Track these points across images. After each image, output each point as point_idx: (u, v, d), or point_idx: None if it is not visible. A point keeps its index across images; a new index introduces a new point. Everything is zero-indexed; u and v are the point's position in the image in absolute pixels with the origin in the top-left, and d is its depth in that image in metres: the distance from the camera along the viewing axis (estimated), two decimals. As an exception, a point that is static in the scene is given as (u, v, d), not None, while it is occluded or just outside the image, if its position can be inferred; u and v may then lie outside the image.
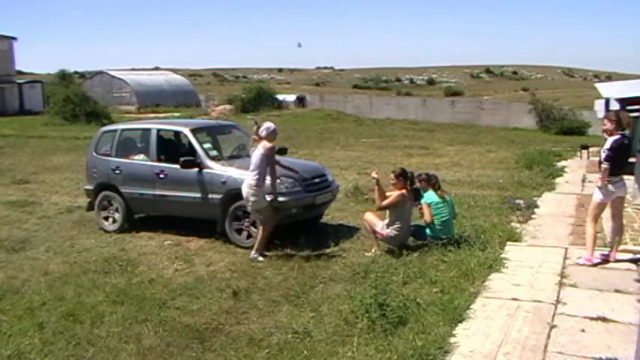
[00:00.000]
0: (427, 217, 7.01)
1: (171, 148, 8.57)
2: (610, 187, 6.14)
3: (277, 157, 7.29)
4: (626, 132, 6.93)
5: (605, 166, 6.10)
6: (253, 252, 7.01)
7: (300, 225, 7.91)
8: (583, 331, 4.57)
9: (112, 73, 48.14)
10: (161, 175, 8.09)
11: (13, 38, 40.55)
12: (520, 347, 4.33)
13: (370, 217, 7.19)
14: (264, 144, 6.95)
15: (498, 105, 39.12)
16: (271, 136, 7.08)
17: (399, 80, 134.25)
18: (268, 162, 6.95)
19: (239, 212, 7.52)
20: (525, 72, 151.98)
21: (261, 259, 6.95)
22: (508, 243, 7.12)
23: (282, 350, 4.54)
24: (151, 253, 7.38)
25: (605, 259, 6.29)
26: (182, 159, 7.78)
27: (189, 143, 8.13)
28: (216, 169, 7.72)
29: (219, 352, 4.63)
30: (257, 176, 6.88)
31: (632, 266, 6.16)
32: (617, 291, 5.42)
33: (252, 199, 6.91)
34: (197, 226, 8.08)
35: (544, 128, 31.10)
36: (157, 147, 8.31)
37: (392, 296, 5.11)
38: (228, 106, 37.20)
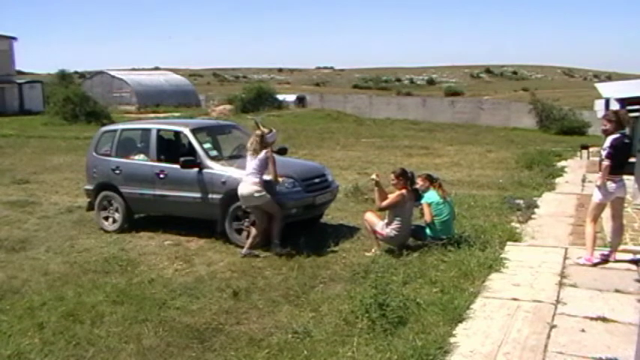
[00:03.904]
0: (427, 217, 7.01)
1: (172, 148, 8.57)
2: (610, 186, 6.13)
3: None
4: (626, 131, 6.92)
5: (606, 163, 6.09)
6: (245, 249, 7.12)
7: (300, 225, 7.91)
8: (583, 331, 4.57)
9: (112, 73, 48.15)
10: (161, 175, 8.08)
11: (13, 38, 40.53)
12: (520, 347, 4.33)
13: (370, 217, 7.19)
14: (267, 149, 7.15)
15: (498, 105, 39.11)
16: (272, 140, 7.35)
17: (399, 80, 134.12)
18: (268, 163, 7.12)
19: (239, 212, 7.53)
20: (525, 72, 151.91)
21: (256, 252, 7.10)
22: (508, 243, 7.12)
23: (282, 350, 4.54)
24: (151, 253, 7.38)
25: (605, 259, 6.29)
26: (182, 159, 7.78)
27: (189, 143, 8.13)
28: (216, 169, 7.72)
29: (219, 352, 4.63)
30: (259, 175, 7.03)
31: (632, 266, 6.15)
32: (617, 291, 5.42)
33: (257, 195, 6.98)
34: (197, 226, 8.07)
35: (544, 128, 31.10)
36: (157, 147, 8.31)
37: (392, 296, 5.10)
38: (228, 106, 37.21)
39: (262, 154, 7.09)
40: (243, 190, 7.04)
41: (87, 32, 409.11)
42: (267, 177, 7.16)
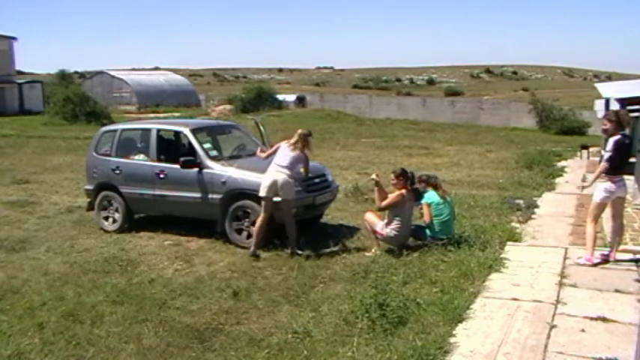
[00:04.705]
0: (426, 218, 7.01)
1: (172, 148, 8.57)
2: (611, 186, 6.13)
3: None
4: (626, 131, 6.92)
5: (604, 164, 6.09)
6: (252, 247, 7.05)
7: (300, 225, 7.91)
8: (583, 331, 4.57)
9: (112, 73, 48.17)
10: (161, 175, 8.08)
11: (13, 38, 40.52)
12: (520, 347, 4.33)
13: (370, 217, 7.19)
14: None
15: (498, 105, 39.10)
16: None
17: (399, 80, 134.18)
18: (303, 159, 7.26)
19: (239, 212, 7.53)
20: (525, 72, 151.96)
21: (257, 252, 7.07)
22: (508, 243, 7.12)
23: (282, 350, 4.54)
24: (151, 253, 7.38)
25: (605, 259, 6.29)
26: (182, 159, 7.78)
27: (189, 143, 8.13)
28: (216, 169, 7.72)
29: (219, 352, 4.63)
30: (292, 171, 7.08)
31: (632, 266, 6.16)
32: (617, 291, 5.42)
33: (295, 188, 7.11)
34: (197, 226, 8.07)
35: (544, 128, 31.10)
36: (157, 147, 8.31)
37: (392, 296, 5.10)
38: (228, 106, 37.20)
39: (302, 153, 7.17)
40: (279, 178, 6.97)
41: (87, 32, 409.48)
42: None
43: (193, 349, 4.70)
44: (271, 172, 7.05)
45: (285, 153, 7.16)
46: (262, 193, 7.03)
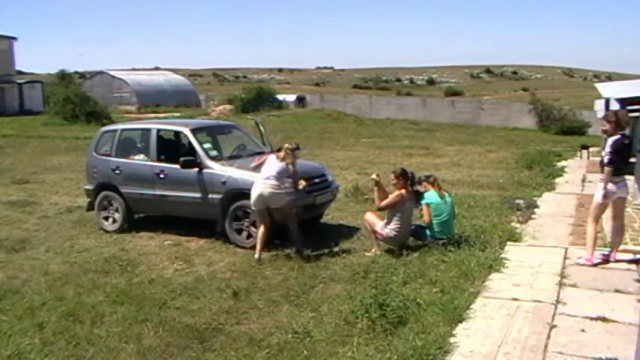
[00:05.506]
0: (426, 218, 7.01)
1: (172, 148, 8.58)
2: (612, 187, 6.14)
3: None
4: (626, 132, 6.92)
5: (608, 169, 6.09)
6: (257, 255, 6.95)
7: (300, 225, 7.90)
8: (583, 331, 4.57)
9: (112, 73, 48.18)
10: (161, 175, 8.08)
11: (13, 38, 40.55)
12: (520, 347, 4.33)
13: (370, 217, 7.19)
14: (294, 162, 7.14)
15: (498, 105, 39.12)
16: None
17: (399, 80, 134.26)
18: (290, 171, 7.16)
19: (239, 212, 7.53)
20: (525, 72, 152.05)
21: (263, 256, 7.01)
22: (508, 243, 7.12)
23: (282, 350, 4.54)
24: (151, 253, 7.38)
25: (606, 259, 6.29)
26: (182, 159, 7.78)
27: (189, 143, 8.13)
28: (216, 169, 7.72)
29: (219, 352, 4.63)
30: (279, 180, 6.94)
31: (632, 266, 6.16)
32: (617, 291, 5.42)
33: (279, 197, 6.98)
34: (197, 226, 8.07)
35: (544, 128, 31.13)
36: (157, 147, 8.31)
37: (392, 296, 5.10)
38: (228, 106, 37.22)
39: (291, 166, 7.07)
40: (264, 191, 6.89)
41: (87, 32, 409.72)
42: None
43: (193, 349, 4.70)
44: (257, 185, 6.99)
45: (272, 164, 7.08)
46: (252, 206, 7.03)
